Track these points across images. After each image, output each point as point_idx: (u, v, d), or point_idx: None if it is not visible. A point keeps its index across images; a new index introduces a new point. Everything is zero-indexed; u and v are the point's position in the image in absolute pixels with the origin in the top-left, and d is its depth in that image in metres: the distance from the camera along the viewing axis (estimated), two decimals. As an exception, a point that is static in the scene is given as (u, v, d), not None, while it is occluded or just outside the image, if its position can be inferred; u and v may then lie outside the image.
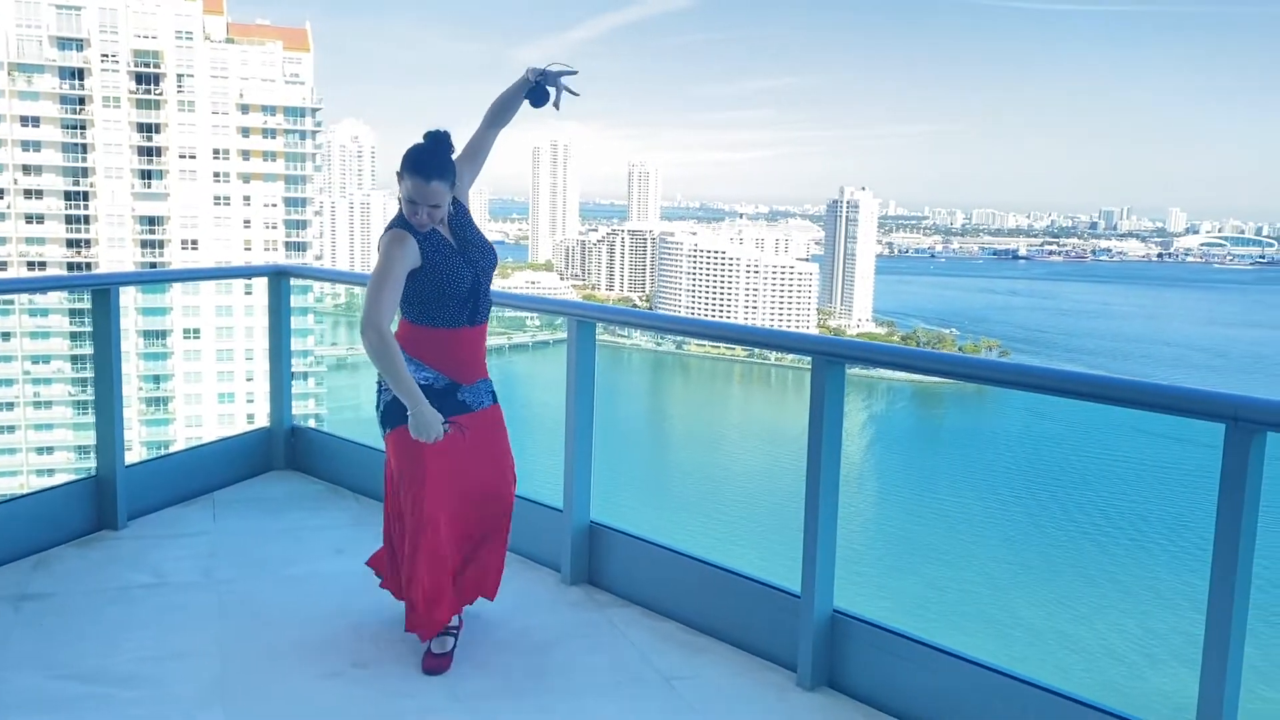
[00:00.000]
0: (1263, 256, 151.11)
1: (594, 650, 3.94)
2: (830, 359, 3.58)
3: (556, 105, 4.01)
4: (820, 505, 3.61)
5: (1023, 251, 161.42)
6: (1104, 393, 3.08)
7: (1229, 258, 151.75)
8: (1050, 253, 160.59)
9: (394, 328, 3.59)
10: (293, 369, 6.13)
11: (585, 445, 4.49)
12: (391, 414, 3.68)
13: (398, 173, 3.63)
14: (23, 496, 4.83)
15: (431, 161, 3.58)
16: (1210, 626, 2.78)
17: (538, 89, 3.94)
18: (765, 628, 3.86)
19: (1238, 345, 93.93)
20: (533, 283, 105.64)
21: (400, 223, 3.64)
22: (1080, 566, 40.94)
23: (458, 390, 3.73)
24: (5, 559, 4.52)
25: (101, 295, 4.87)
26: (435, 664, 3.77)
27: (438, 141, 3.65)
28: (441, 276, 3.62)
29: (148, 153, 57.02)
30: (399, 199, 3.65)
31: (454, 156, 3.71)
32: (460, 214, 3.79)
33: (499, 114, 3.98)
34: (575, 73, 3.97)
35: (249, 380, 54.82)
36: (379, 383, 3.73)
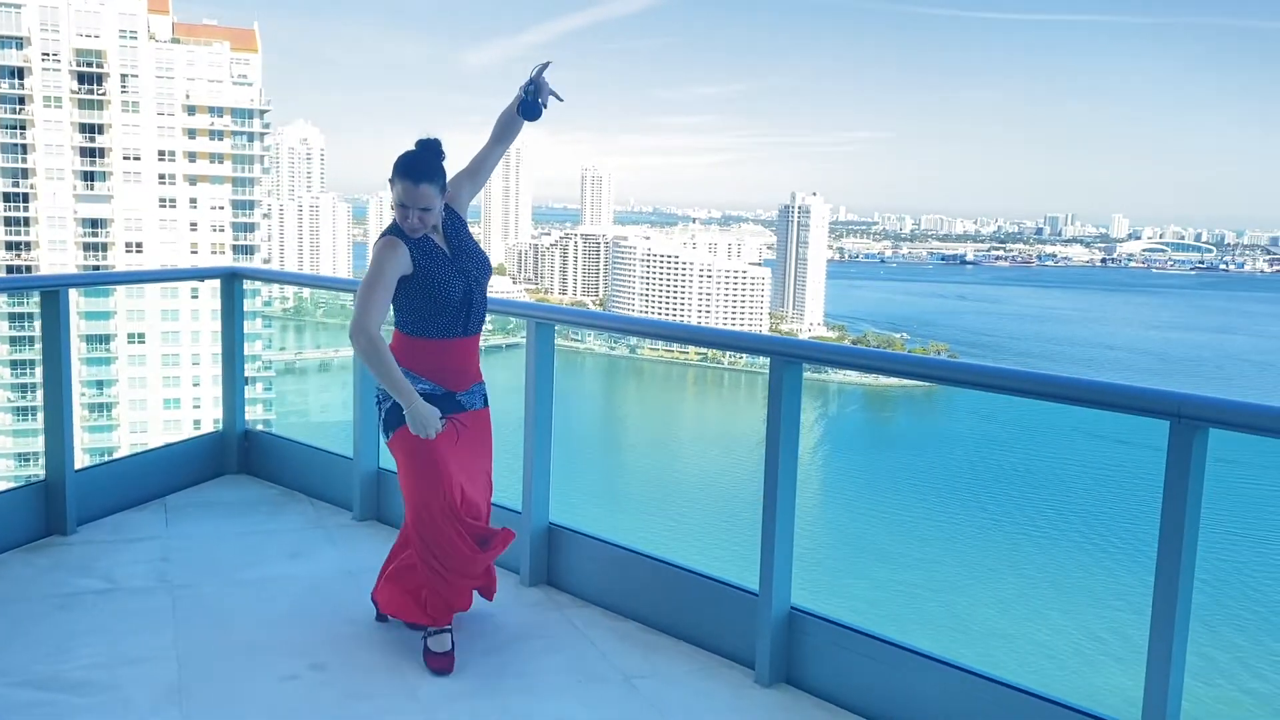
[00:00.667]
0: (1201, 262, 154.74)
1: (554, 650, 3.95)
2: (788, 359, 3.64)
3: (544, 104, 3.99)
4: (778, 503, 3.66)
5: (970, 257, 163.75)
6: (1053, 391, 3.17)
7: (1169, 263, 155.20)
8: (997, 258, 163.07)
9: (389, 339, 3.66)
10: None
11: (544, 447, 4.51)
12: (392, 420, 3.72)
13: (389, 179, 3.68)
14: (-32, 502, 4.74)
15: (421, 165, 3.64)
16: (1155, 620, 2.86)
17: (528, 104, 3.96)
18: (724, 626, 3.90)
19: (1178, 348, 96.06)
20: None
21: (395, 230, 3.68)
22: (1022, 567, 41.60)
23: (454, 395, 3.79)
24: (-49, 566, 4.44)
25: (50, 297, 4.79)
26: (442, 663, 3.76)
27: (427, 147, 3.71)
28: (433, 284, 3.65)
29: (90, 154, 55.90)
30: (392, 206, 3.70)
31: (459, 169, 3.83)
32: (456, 224, 3.83)
33: (503, 132, 4.04)
34: (548, 64, 3.99)
35: (195, 385, 53.95)
36: (378, 395, 3.77)
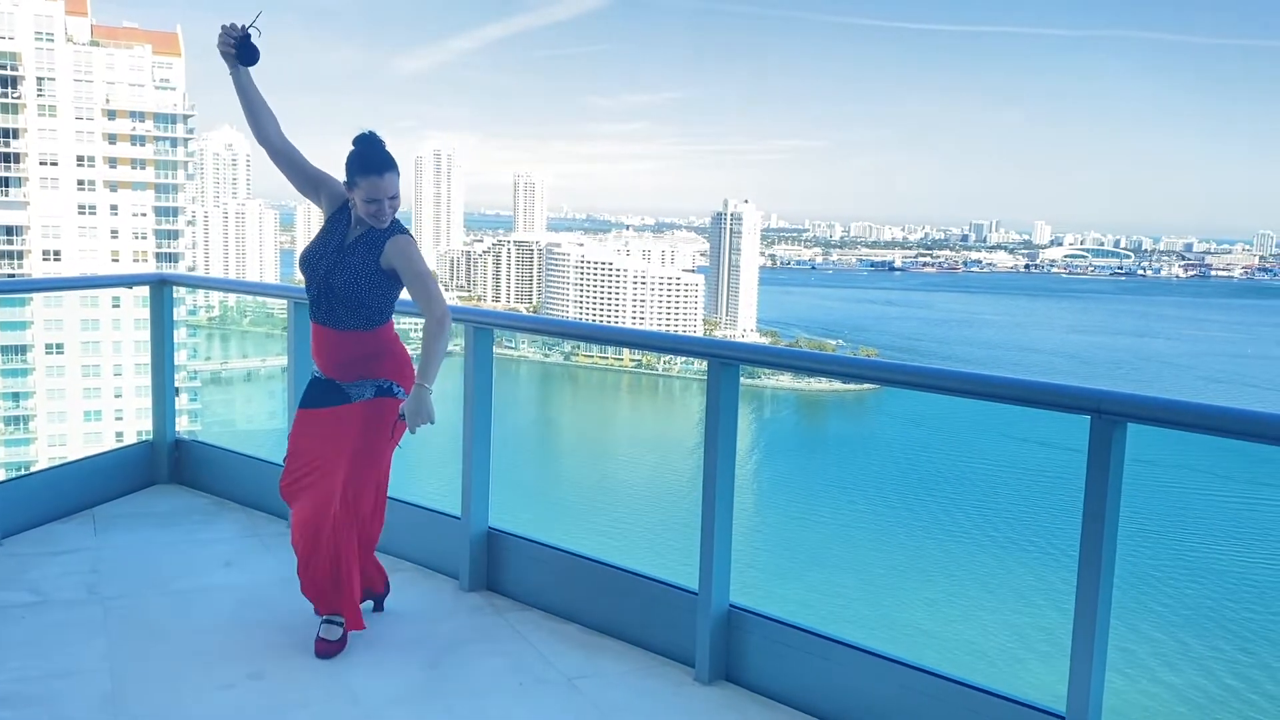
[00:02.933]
0: (1120, 268, 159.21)
1: (495, 653, 3.97)
2: (725, 361, 3.71)
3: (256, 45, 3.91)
4: (716, 502, 3.73)
5: (898, 263, 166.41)
6: (981, 389, 3.28)
7: (1090, 269, 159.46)
8: (924, 264, 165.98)
9: (367, 331, 3.84)
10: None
11: (483, 453, 4.52)
12: (308, 392, 3.95)
13: (347, 182, 3.75)
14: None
15: (380, 157, 3.75)
16: (1079, 610, 2.97)
17: (242, 50, 3.86)
18: (664, 625, 3.95)
19: (1099, 352, 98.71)
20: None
21: (400, 229, 3.84)
22: (950, 568, 42.37)
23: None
24: None
25: (-28, 305, 4.68)
26: (334, 648, 3.89)
27: (372, 140, 3.77)
28: (309, 245, 3.93)
29: (5, 159, 54.20)
30: (353, 210, 3.79)
31: (299, 173, 3.93)
32: (371, 238, 3.88)
33: (258, 113, 3.95)
34: (259, 12, 3.96)
35: (118, 396, 52.52)
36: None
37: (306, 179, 3.93)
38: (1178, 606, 37.25)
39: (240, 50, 3.85)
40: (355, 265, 3.75)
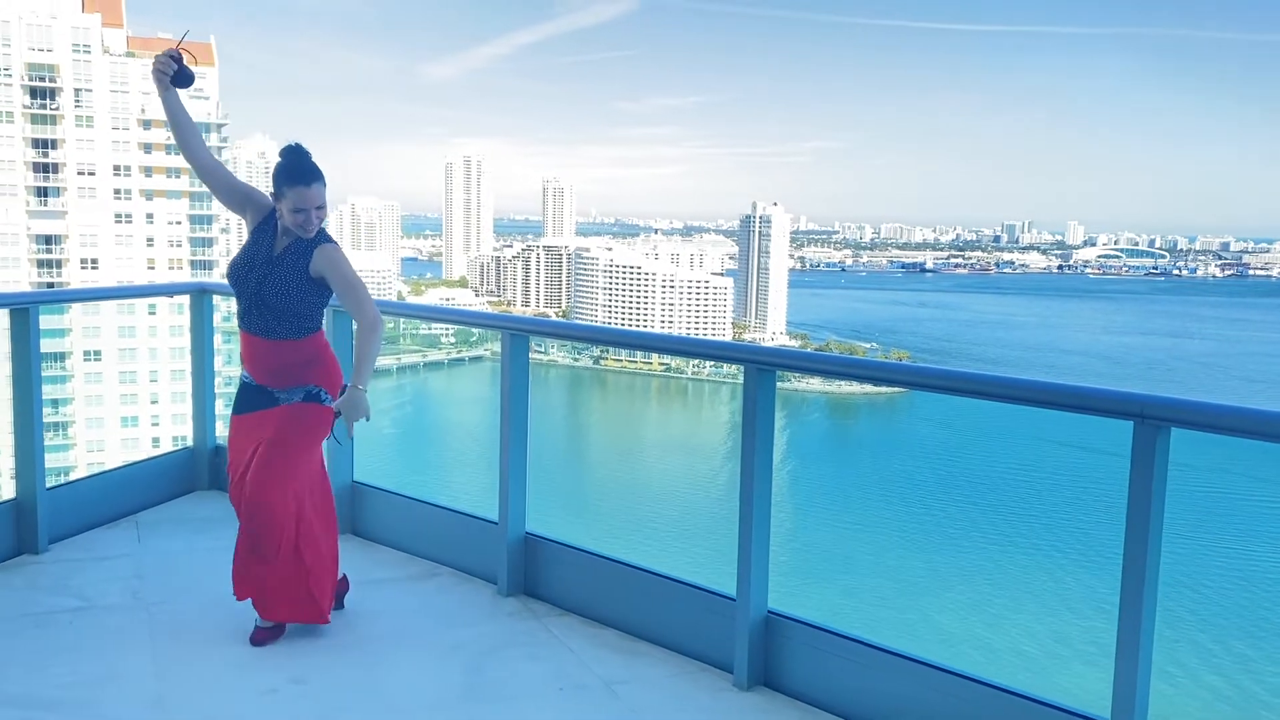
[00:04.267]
0: (1155, 268, 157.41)
1: (533, 659, 3.98)
2: (762, 367, 3.70)
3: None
4: (754, 508, 3.72)
5: (930, 265, 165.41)
6: (1023, 395, 3.24)
7: (1124, 269, 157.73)
8: (956, 266, 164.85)
9: (299, 340, 3.93)
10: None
11: (520, 458, 4.53)
12: (238, 399, 4.05)
13: (274, 193, 3.86)
14: (-64, 522, 4.68)
15: (307, 168, 3.85)
16: (1123, 617, 2.93)
17: (178, 75, 4.06)
18: (701, 631, 3.95)
19: (1134, 353, 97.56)
20: (448, 299, 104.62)
21: (326, 238, 3.90)
22: (986, 571, 42.02)
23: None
24: (-80, 587, 4.39)
25: (20, 315, 4.77)
26: (270, 635, 4.00)
27: (298, 152, 3.88)
28: (236, 256, 4.02)
29: (44, 169, 55.04)
30: (280, 221, 3.90)
31: (227, 188, 4.05)
32: (299, 248, 3.96)
33: (188, 133, 4.09)
34: (186, 31, 4.20)
35: (154, 403, 53.18)
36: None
37: (234, 193, 4.04)
38: (1216, 608, 36.76)
39: (178, 74, 4.03)
40: (286, 275, 3.85)
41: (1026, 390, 3.24)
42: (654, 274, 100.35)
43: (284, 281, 3.84)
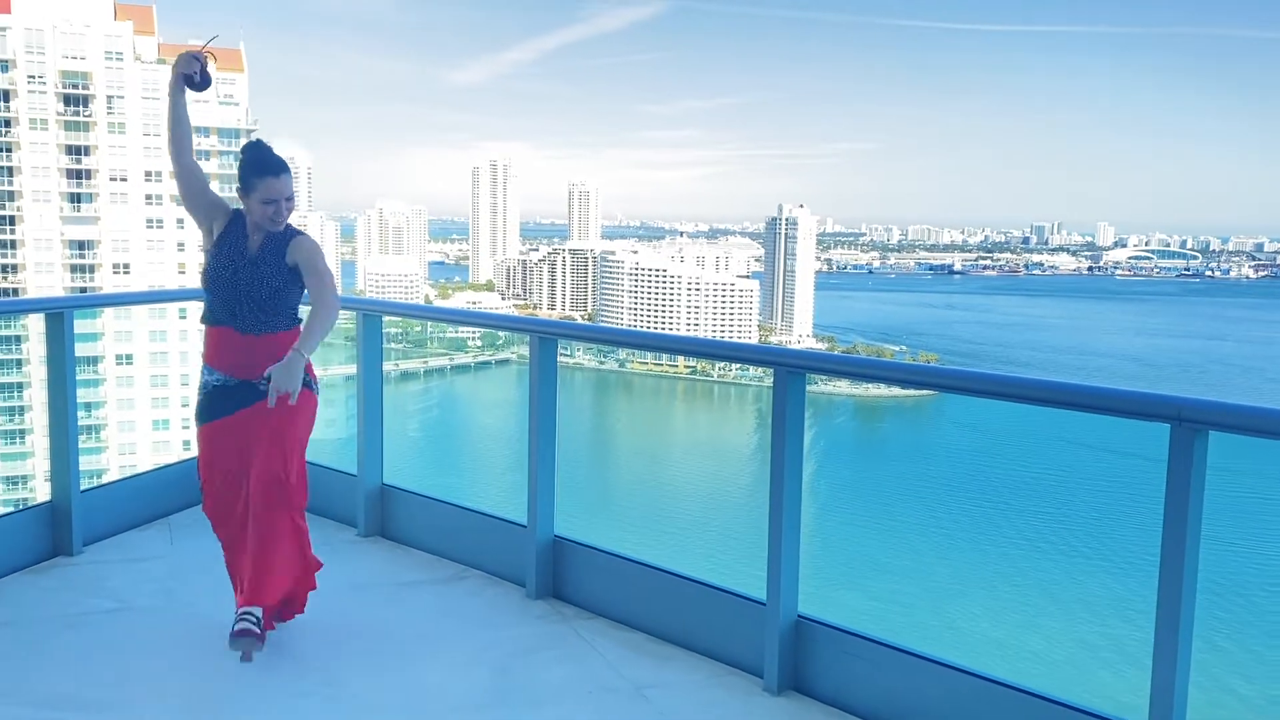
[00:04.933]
0: (1187, 269, 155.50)
1: (562, 662, 3.98)
2: (792, 370, 3.69)
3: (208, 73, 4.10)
4: (784, 511, 3.71)
5: (958, 266, 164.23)
6: (1053, 397, 3.21)
7: (1156, 270, 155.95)
8: (984, 268, 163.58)
9: (285, 332, 3.96)
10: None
11: (548, 461, 4.54)
12: (199, 410, 4.00)
13: (241, 189, 3.92)
14: (-27, 525, 4.74)
15: (272, 159, 3.94)
16: (1160, 622, 2.90)
17: (198, 77, 4.08)
18: (731, 635, 3.93)
19: (1166, 355, 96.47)
20: (474, 302, 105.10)
21: (298, 231, 4.01)
22: (1019, 576, 41.64)
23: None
24: (-41, 588, 4.44)
25: (55, 319, 4.83)
26: (260, 639, 3.81)
27: (262, 146, 3.98)
28: (209, 260, 4.02)
29: (77, 175, 55.77)
30: (248, 220, 3.95)
31: (202, 193, 4.09)
32: (274, 242, 4.01)
33: (185, 134, 4.13)
34: (214, 36, 4.21)
35: (184, 406, 53.67)
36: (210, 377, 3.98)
37: (207, 197, 4.09)
38: (1250, 615, 36.27)
39: (199, 76, 4.07)
40: (271, 270, 3.92)
41: (1060, 393, 3.20)
42: (680, 277, 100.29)
43: (271, 276, 3.91)
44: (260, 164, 3.92)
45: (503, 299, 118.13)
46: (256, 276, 3.91)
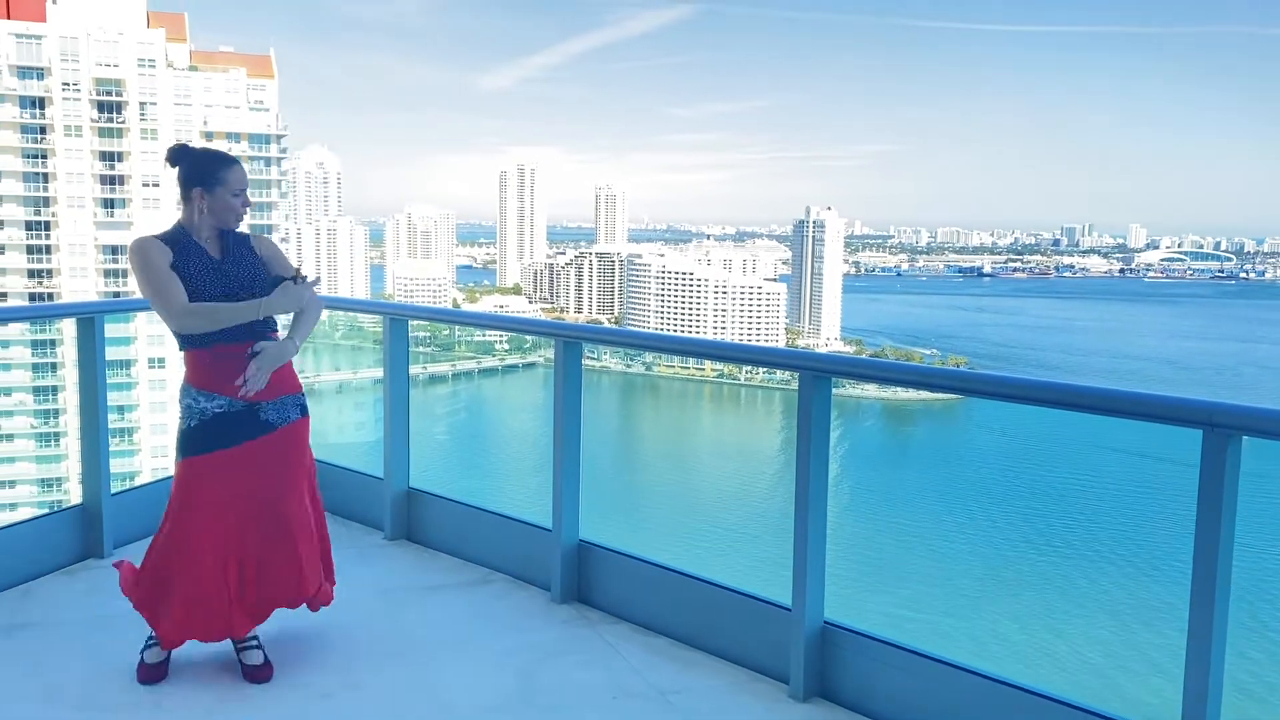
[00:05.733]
0: (1221, 271, 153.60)
1: (587, 666, 3.98)
2: (818, 374, 3.66)
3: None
4: (809, 517, 3.68)
5: (987, 269, 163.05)
6: (1082, 401, 3.17)
7: (1188, 272, 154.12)
8: (1014, 270, 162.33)
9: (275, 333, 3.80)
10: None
11: (573, 465, 4.54)
12: (193, 439, 3.75)
13: (202, 187, 3.73)
14: (7, 527, 4.80)
15: (225, 153, 3.87)
16: (1192, 631, 2.85)
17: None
18: (757, 641, 3.91)
19: (1199, 358, 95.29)
20: (501, 306, 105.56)
21: (178, 231, 3.79)
22: (1048, 581, 41.26)
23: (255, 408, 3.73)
24: (-8, 589, 4.50)
25: (87, 324, 4.89)
26: (150, 675, 3.72)
27: (205, 147, 3.94)
28: (190, 287, 3.64)
29: (110, 181, 56.50)
30: (196, 236, 3.76)
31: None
32: (239, 241, 3.86)
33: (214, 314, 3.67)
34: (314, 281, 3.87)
35: (216, 409, 54.17)
36: (190, 402, 3.78)
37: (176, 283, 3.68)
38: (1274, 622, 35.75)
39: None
40: (256, 272, 3.76)
41: (1090, 397, 3.17)
42: (706, 280, 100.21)
43: (261, 274, 3.77)
44: (220, 156, 3.79)
45: (530, 302, 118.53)
46: (252, 282, 3.72)
